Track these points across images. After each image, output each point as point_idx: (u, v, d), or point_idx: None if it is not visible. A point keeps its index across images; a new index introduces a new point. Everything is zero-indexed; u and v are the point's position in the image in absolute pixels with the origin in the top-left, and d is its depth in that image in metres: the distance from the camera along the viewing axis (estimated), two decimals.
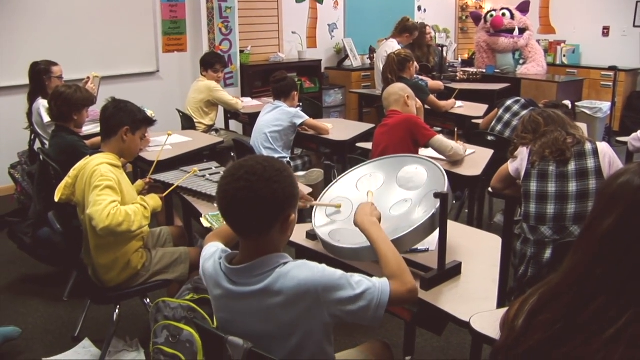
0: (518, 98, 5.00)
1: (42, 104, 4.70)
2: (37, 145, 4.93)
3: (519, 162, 3.20)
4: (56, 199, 3.08)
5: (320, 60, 8.63)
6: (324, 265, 1.70)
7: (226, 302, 1.79)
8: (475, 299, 2.05)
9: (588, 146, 3.05)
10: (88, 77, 5.22)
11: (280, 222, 1.71)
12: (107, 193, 2.78)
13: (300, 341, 1.71)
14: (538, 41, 9.22)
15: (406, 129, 3.88)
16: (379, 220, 2.05)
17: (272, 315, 1.69)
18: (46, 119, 4.59)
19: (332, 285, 1.65)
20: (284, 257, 1.74)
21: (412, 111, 4.04)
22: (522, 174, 3.14)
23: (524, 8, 8.94)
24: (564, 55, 9.29)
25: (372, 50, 8.96)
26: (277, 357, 1.70)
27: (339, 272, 1.69)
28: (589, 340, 1.15)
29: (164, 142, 3.98)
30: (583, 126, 4.49)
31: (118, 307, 3.16)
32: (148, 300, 3.19)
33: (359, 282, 1.68)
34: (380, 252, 1.88)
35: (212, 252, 1.88)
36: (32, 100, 4.91)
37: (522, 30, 8.78)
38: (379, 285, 1.70)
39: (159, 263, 3.14)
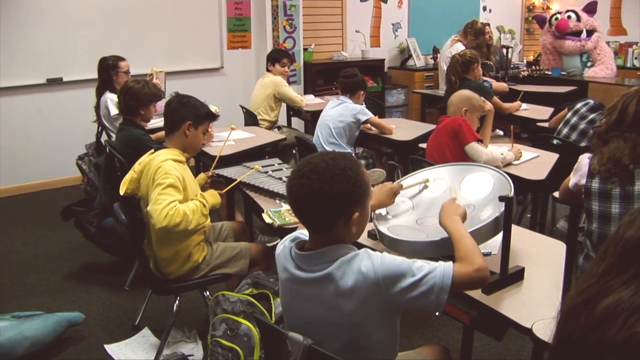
0: (587, 100, 4.80)
1: (109, 97, 4.82)
2: (104, 137, 5.05)
3: (577, 177, 2.95)
4: (121, 193, 3.14)
5: (384, 60, 8.61)
6: (384, 253, 1.71)
7: (291, 286, 1.81)
8: (538, 306, 2.00)
9: None
10: (151, 74, 5.33)
11: (344, 220, 1.71)
12: (168, 192, 2.80)
13: (363, 328, 1.71)
14: (608, 43, 8.89)
15: (451, 131, 3.83)
16: (464, 217, 2.05)
17: (334, 302, 1.69)
18: (113, 111, 4.70)
19: (393, 274, 1.65)
20: (348, 247, 1.75)
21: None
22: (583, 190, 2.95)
23: (590, 9, 8.54)
24: (636, 58, 8.94)
25: (435, 51, 8.89)
26: (339, 343, 1.72)
27: (399, 259, 1.69)
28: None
29: (226, 137, 4.03)
30: None
31: (178, 298, 3.21)
32: (207, 293, 3.22)
33: (420, 267, 1.67)
34: (455, 242, 1.87)
35: (285, 238, 1.91)
36: (100, 94, 5.04)
37: (590, 32, 8.42)
38: (441, 268, 1.68)
39: (219, 257, 3.18)
